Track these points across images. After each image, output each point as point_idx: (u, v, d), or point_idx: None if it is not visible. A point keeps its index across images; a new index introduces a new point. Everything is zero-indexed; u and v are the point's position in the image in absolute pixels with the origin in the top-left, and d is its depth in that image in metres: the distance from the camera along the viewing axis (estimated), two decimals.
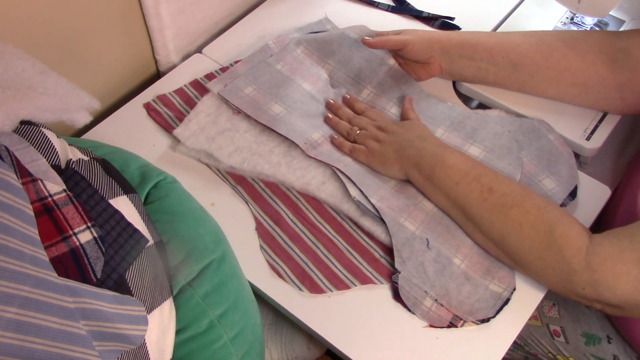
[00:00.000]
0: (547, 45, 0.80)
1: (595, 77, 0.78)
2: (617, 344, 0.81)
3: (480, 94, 0.87)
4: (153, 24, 0.85)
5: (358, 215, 0.75)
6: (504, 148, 0.79)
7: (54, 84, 0.58)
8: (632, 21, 0.97)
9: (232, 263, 0.65)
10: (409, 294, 0.69)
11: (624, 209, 0.77)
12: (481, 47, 0.82)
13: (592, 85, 0.79)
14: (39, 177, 0.50)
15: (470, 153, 0.78)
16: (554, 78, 0.81)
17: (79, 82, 0.62)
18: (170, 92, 0.87)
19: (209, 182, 0.79)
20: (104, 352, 0.46)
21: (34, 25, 0.71)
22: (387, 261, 0.73)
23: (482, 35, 0.84)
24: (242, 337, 0.61)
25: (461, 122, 0.82)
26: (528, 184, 0.77)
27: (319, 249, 0.73)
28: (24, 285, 0.41)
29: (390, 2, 1.03)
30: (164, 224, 0.61)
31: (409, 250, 0.71)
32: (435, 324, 0.68)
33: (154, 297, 0.54)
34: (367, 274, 0.72)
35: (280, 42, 0.89)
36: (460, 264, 0.71)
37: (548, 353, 0.87)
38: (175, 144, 0.81)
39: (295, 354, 0.84)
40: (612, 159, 0.86)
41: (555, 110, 0.83)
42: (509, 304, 0.69)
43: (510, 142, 0.79)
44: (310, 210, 0.77)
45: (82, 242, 0.49)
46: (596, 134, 0.81)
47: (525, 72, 0.82)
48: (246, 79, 0.84)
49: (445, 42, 0.83)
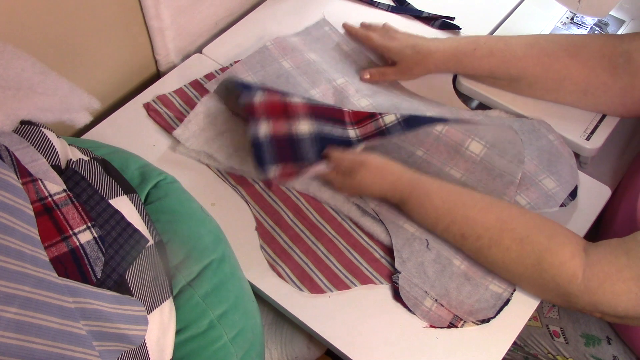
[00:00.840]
0: (549, 57, 0.79)
1: (596, 83, 0.78)
2: (617, 344, 0.81)
3: (480, 94, 0.86)
4: (153, 24, 0.85)
5: (358, 216, 0.75)
6: (506, 142, 0.78)
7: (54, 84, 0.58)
8: (632, 21, 0.97)
9: (232, 263, 0.65)
10: (409, 294, 0.69)
11: (624, 209, 0.77)
12: (480, 69, 0.81)
13: (592, 90, 0.79)
14: (39, 177, 0.50)
15: (471, 151, 0.78)
16: (553, 87, 0.81)
17: (79, 82, 0.62)
18: (170, 92, 0.87)
19: (209, 182, 0.79)
20: (104, 352, 0.46)
21: (34, 25, 0.71)
22: (387, 261, 0.73)
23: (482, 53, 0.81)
24: (242, 337, 0.61)
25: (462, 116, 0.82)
26: (528, 183, 0.77)
27: (319, 249, 0.73)
28: (24, 285, 0.41)
29: (390, 2, 1.03)
30: (164, 224, 0.61)
31: (409, 250, 0.72)
32: (435, 324, 0.68)
33: (154, 297, 0.54)
34: (367, 274, 0.72)
35: (279, 43, 0.89)
36: (460, 265, 0.71)
37: (548, 354, 0.87)
38: (176, 144, 0.81)
39: (295, 354, 0.84)
40: (612, 159, 0.86)
41: (556, 111, 0.83)
42: (508, 305, 0.69)
43: (514, 136, 0.78)
44: (310, 211, 0.77)
45: (82, 242, 0.49)
46: (596, 134, 0.81)
47: (525, 83, 0.81)
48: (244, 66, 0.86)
49: (442, 67, 0.83)
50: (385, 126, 0.75)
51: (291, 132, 0.73)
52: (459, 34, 0.98)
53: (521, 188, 0.76)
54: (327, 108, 0.77)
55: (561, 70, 0.79)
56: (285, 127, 0.73)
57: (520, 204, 0.75)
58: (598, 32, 0.96)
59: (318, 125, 0.74)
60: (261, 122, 0.73)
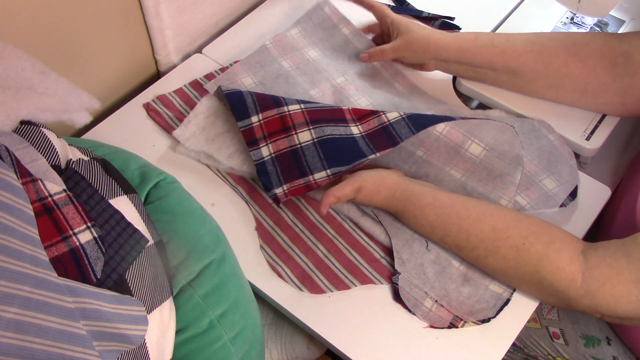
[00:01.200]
0: (549, 54, 0.79)
1: (596, 83, 0.78)
2: (617, 345, 0.81)
3: (480, 94, 0.86)
4: (153, 23, 0.85)
5: (358, 216, 0.75)
6: (505, 144, 0.78)
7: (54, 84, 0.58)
8: (632, 21, 0.97)
9: (232, 263, 0.65)
10: (409, 295, 0.69)
11: (624, 209, 0.77)
12: (480, 57, 0.81)
13: (592, 90, 0.79)
14: (39, 177, 0.50)
15: (471, 152, 0.78)
16: (554, 84, 0.81)
17: (79, 82, 0.62)
18: (170, 92, 0.87)
19: (209, 182, 0.79)
20: (104, 352, 0.46)
21: (34, 25, 0.71)
22: (387, 261, 0.73)
23: (483, 41, 0.81)
24: (242, 337, 0.61)
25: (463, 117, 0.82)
26: (528, 183, 0.77)
27: (319, 249, 0.73)
28: (24, 285, 0.41)
29: (390, 2, 1.03)
30: (164, 224, 0.61)
31: (409, 251, 0.72)
32: (435, 325, 0.68)
33: (154, 297, 0.54)
34: (367, 274, 0.72)
35: (278, 42, 0.89)
36: (459, 266, 0.71)
37: (548, 355, 0.87)
38: (176, 144, 0.81)
39: (295, 354, 0.84)
40: (612, 159, 0.86)
41: (556, 111, 0.83)
42: (508, 305, 0.69)
43: (513, 138, 0.78)
44: (310, 211, 0.76)
45: (82, 242, 0.49)
46: (596, 134, 0.81)
47: (525, 79, 0.81)
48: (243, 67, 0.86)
49: (442, 51, 0.82)
50: (389, 122, 0.75)
51: (294, 145, 0.74)
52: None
53: (521, 188, 0.76)
54: (325, 110, 0.77)
55: (561, 67, 0.79)
56: (286, 142, 0.74)
57: (520, 204, 0.75)
58: (598, 31, 0.96)
59: (319, 130, 0.74)
60: (261, 144, 0.74)
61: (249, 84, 0.85)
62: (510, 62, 0.80)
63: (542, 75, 0.80)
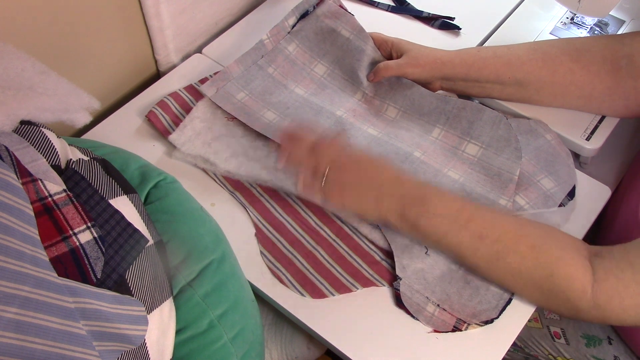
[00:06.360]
0: (553, 61, 0.78)
1: (600, 88, 0.78)
2: (618, 345, 0.80)
3: None
4: (153, 24, 0.85)
5: (357, 222, 0.75)
6: (501, 140, 0.78)
7: (54, 84, 0.58)
8: (632, 21, 0.97)
9: (232, 263, 0.64)
10: (411, 300, 0.69)
11: (625, 210, 0.77)
12: (486, 70, 0.80)
13: (597, 95, 0.79)
14: (39, 177, 0.50)
15: (468, 153, 0.78)
16: (560, 92, 0.80)
17: (79, 82, 0.62)
18: (167, 97, 0.85)
19: (209, 182, 0.79)
20: (104, 352, 0.46)
21: (34, 25, 0.71)
22: (388, 263, 0.73)
23: (486, 54, 0.81)
24: (242, 337, 0.61)
25: (457, 115, 0.81)
26: (527, 183, 0.77)
27: (319, 253, 0.73)
28: (24, 285, 0.41)
29: (390, 2, 1.03)
30: (164, 224, 0.61)
31: (409, 256, 0.71)
32: (439, 329, 0.68)
33: (154, 297, 0.54)
34: (369, 277, 0.72)
35: (275, 35, 0.88)
36: (458, 269, 0.71)
37: (549, 355, 0.87)
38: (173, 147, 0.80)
39: (295, 354, 0.83)
40: (613, 159, 0.86)
41: (556, 111, 0.83)
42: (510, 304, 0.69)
43: (509, 132, 0.78)
44: (309, 215, 0.76)
45: (82, 242, 0.49)
46: (596, 134, 0.81)
47: (532, 88, 0.81)
48: (238, 84, 0.84)
49: (448, 67, 0.81)
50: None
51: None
52: (459, 34, 0.98)
53: (520, 188, 0.76)
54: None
55: (566, 74, 0.78)
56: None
57: (519, 204, 0.75)
58: (598, 32, 0.96)
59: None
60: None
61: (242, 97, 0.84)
62: (516, 72, 0.80)
63: (548, 83, 0.79)
